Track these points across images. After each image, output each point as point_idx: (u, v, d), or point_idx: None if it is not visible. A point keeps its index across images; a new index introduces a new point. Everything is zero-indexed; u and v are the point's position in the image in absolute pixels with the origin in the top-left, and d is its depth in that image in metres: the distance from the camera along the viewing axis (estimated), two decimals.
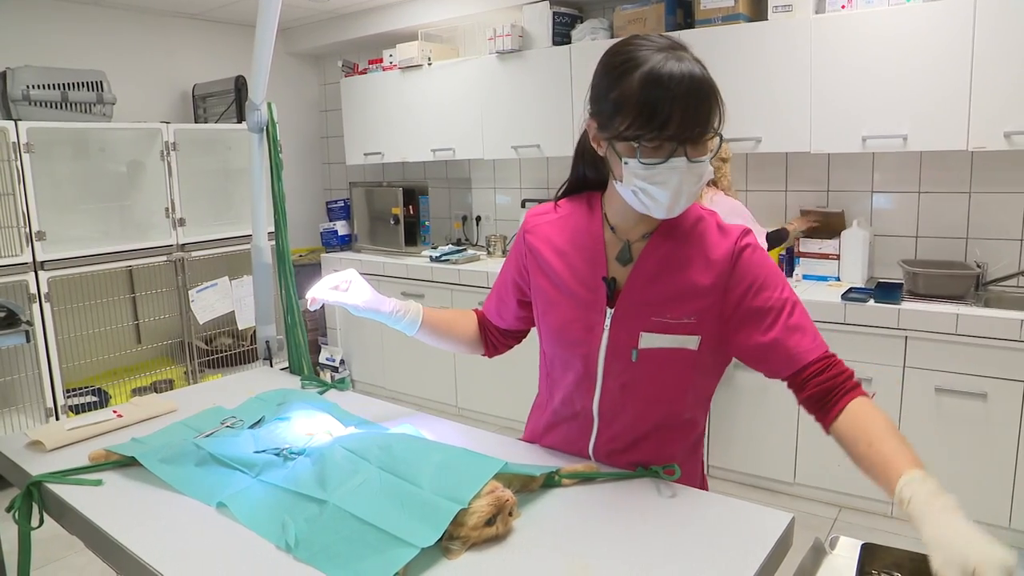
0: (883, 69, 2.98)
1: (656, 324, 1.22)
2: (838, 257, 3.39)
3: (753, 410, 3.31)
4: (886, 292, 2.97)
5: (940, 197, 3.28)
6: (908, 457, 1.04)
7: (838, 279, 3.39)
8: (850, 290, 3.13)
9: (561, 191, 1.38)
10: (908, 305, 2.89)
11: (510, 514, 1.07)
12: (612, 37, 3.75)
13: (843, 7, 3.08)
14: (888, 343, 2.92)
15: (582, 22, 3.93)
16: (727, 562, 1.01)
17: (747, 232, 1.24)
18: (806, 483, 3.22)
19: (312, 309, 1.47)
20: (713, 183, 3.15)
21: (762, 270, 1.21)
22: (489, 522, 1.03)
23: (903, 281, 3.09)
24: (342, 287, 1.42)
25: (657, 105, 1.07)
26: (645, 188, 1.13)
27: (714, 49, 3.37)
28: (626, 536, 1.08)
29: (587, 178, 1.34)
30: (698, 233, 1.24)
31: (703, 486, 1.39)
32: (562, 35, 3.96)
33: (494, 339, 1.53)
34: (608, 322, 1.24)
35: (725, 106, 1.13)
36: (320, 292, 1.42)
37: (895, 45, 2.94)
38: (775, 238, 3.25)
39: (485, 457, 1.17)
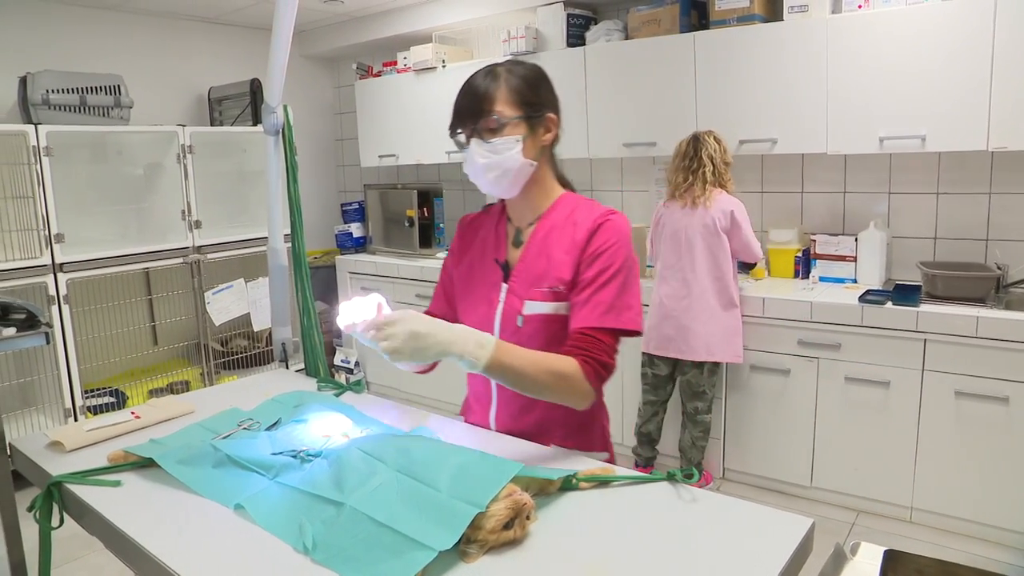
0: (901, 69, 2.95)
1: (536, 293, 1.44)
2: (855, 259, 3.37)
3: (769, 412, 3.29)
4: (904, 294, 2.94)
5: (959, 198, 3.24)
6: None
7: (855, 281, 3.36)
8: (867, 292, 3.10)
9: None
10: (927, 307, 2.86)
11: (528, 518, 1.06)
12: (627, 38, 3.74)
13: (860, 7, 3.06)
14: (906, 346, 2.89)
15: (596, 23, 3.92)
16: (746, 567, 1.00)
17: (613, 212, 1.45)
18: (823, 487, 3.20)
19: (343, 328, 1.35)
20: (720, 186, 3.16)
21: (608, 242, 1.41)
22: (507, 526, 1.03)
23: (921, 283, 3.05)
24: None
25: (454, 108, 1.42)
26: (467, 171, 1.43)
27: (729, 50, 3.36)
28: (644, 540, 1.07)
29: None
30: (571, 216, 1.47)
31: (606, 447, 1.55)
32: (576, 37, 3.95)
33: None
34: (503, 295, 1.48)
35: (538, 104, 1.41)
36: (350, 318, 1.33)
37: (913, 44, 2.92)
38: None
39: (502, 460, 1.16)
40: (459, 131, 1.42)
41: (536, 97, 1.42)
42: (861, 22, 3.02)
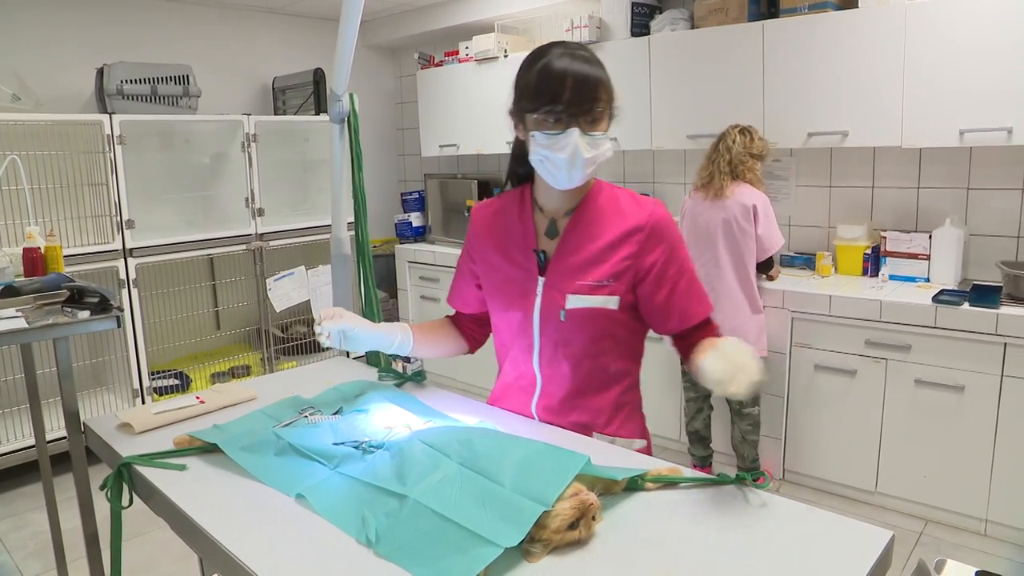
0: (986, 58, 2.80)
1: (580, 287, 1.40)
2: (928, 257, 3.23)
3: (833, 414, 3.18)
4: (983, 295, 2.80)
5: None
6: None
7: (927, 280, 3.22)
8: (941, 292, 2.98)
9: (504, 186, 1.60)
10: (1008, 310, 2.72)
11: (593, 518, 1.03)
12: (693, 28, 3.65)
13: None
14: (984, 350, 2.75)
15: (661, 12, 3.84)
16: None
17: (659, 203, 1.44)
18: (889, 493, 3.09)
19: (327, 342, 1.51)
20: (738, 177, 3.09)
21: (671, 242, 1.41)
22: (572, 526, 1.00)
23: (1002, 284, 2.91)
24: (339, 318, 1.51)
25: (553, 85, 1.31)
26: (548, 156, 1.33)
27: (800, 39, 3.25)
28: (712, 546, 1.03)
29: (517, 173, 1.56)
30: (614, 206, 1.43)
31: (643, 435, 1.54)
32: (641, 26, 3.88)
33: (470, 331, 1.70)
34: (540, 288, 1.43)
35: (616, 97, 1.39)
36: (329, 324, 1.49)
37: (998, 30, 2.76)
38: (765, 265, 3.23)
39: (567, 452, 1.14)
40: (557, 112, 1.31)
41: (614, 89, 1.39)
42: (943, 8, 2.87)
